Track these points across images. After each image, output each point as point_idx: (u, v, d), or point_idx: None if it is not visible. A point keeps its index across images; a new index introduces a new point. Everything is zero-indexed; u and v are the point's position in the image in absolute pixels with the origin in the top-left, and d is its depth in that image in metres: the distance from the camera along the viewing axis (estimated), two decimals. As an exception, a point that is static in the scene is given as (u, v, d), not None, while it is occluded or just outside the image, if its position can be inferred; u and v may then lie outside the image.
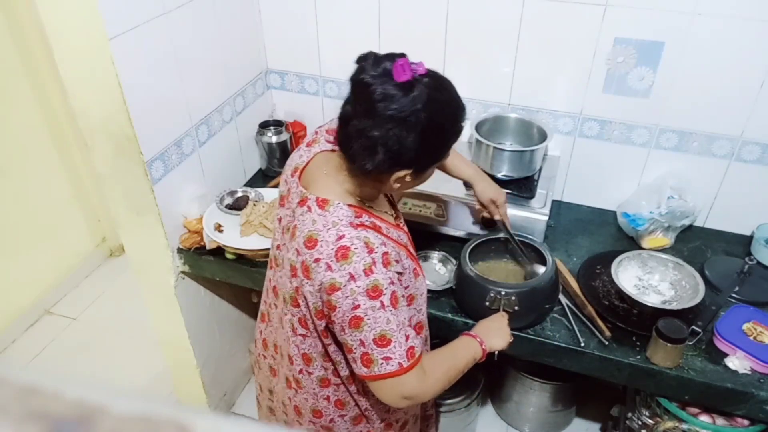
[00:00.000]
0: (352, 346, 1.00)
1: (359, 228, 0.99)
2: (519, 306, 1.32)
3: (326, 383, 1.16)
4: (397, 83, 0.93)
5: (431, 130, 0.97)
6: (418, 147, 0.96)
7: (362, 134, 0.95)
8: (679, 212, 1.62)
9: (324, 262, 0.97)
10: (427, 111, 0.94)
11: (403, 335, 1.00)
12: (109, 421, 0.23)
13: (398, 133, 0.94)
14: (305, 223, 1.01)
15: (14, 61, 2.30)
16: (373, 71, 0.95)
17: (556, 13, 1.57)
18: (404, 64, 0.94)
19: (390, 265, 0.99)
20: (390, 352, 0.99)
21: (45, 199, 2.55)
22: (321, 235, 0.98)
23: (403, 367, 1.00)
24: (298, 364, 1.16)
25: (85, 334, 2.54)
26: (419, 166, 1.02)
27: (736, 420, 1.34)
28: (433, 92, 0.96)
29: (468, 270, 1.39)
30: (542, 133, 1.64)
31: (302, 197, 1.05)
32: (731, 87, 1.51)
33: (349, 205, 1.02)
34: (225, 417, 0.25)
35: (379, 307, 0.97)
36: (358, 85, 0.97)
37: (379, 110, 0.93)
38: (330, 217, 1.00)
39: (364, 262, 0.96)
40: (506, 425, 2.10)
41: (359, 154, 0.97)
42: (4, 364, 0.28)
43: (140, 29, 1.34)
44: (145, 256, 1.65)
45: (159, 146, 1.47)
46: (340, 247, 0.96)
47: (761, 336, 1.32)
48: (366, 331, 0.98)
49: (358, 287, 0.96)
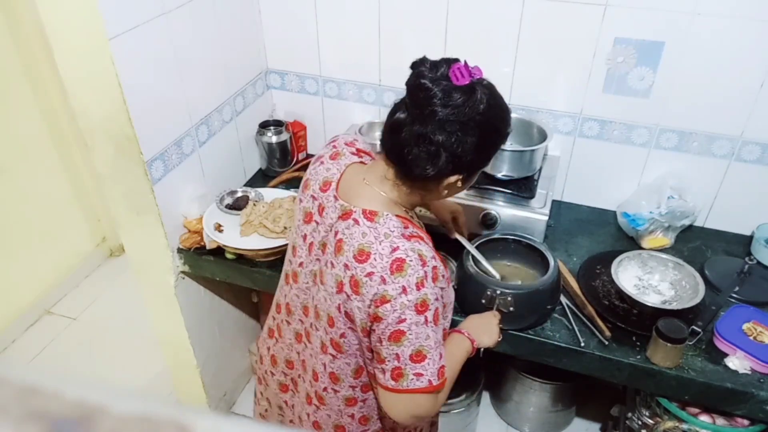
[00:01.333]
0: (385, 358, 0.99)
1: (412, 239, 0.98)
2: (515, 307, 1.32)
3: (353, 402, 1.15)
4: (457, 87, 0.93)
5: (489, 133, 0.98)
6: (475, 150, 0.97)
7: (424, 139, 0.94)
8: (679, 212, 1.62)
9: (378, 275, 0.95)
10: (485, 114, 0.95)
11: (438, 353, 0.99)
12: (109, 421, 0.23)
13: (461, 137, 0.94)
14: (354, 236, 0.98)
15: (14, 61, 2.30)
16: (431, 75, 0.94)
17: (556, 13, 1.57)
18: (462, 68, 0.94)
19: (438, 281, 0.98)
20: (423, 368, 0.97)
21: (45, 199, 2.55)
22: (374, 247, 0.96)
23: (433, 385, 0.99)
24: (323, 382, 1.14)
25: (85, 334, 2.54)
26: (471, 170, 1.02)
27: (736, 420, 1.34)
28: (491, 96, 0.98)
29: (468, 267, 1.39)
30: (542, 133, 1.64)
31: (345, 210, 1.02)
32: (731, 87, 1.51)
33: (397, 216, 1.00)
34: (225, 417, 0.25)
35: (423, 323, 0.96)
36: (418, 90, 0.95)
37: (442, 114, 0.93)
38: (381, 228, 0.98)
39: (417, 276, 0.95)
40: (506, 425, 2.11)
41: (421, 159, 0.96)
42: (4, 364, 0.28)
43: (140, 29, 1.34)
44: (145, 256, 1.65)
45: (159, 146, 1.47)
46: (396, 260, 0.95)
47: (761, 336, 1.32)
48: (405, 346, 0.96)
49: (408, 301, 0.94)
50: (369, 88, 1.89)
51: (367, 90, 1.89)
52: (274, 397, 1.33)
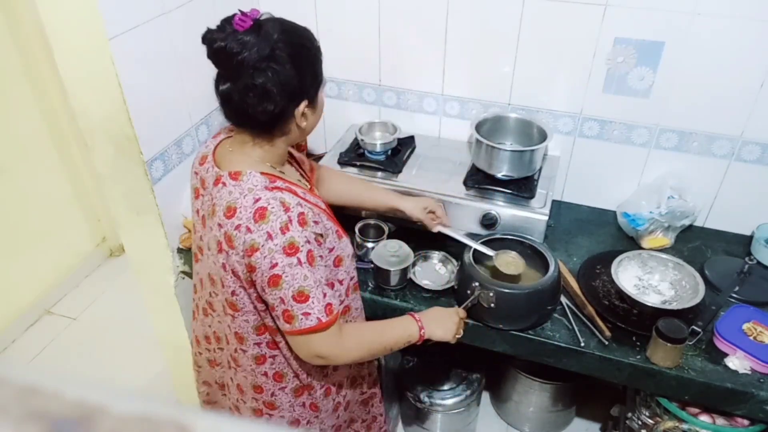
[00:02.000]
0: (274, 304, 1.04)
1: (275, 190, 1.04)
2: (495, 304, 1.32)
3: (262, 360, 1.20)
4: (245, 31, 0.99)
5: (297, 54, 1.03)
6: (297, 73, 1.03)
7: (249, 88, 1.00)
8: (679, 212, 1.62)
9: (244, 226, 1.01)
10: (283, 40, 1.01)
11: (320, 292, 1.04)
12: (109, 421, 0.23)
13: (275, 68, 1.00)
14: (223, 196, 1.05)
15: (14, 61, 2.30)
16: (220, 35, 1.00)
17: (556, 13, 1.57)
18: (241, 16, 1.00)
19: (306, 225, 1.03)
20: (308, 307, 1.03)
21: (45, 199, 2.55)
22: (239, 202, 1.03)
23: (322, 322, 1.04)
24: (232, 344, 1.20)
25: (85, 334, 2.55)
26: (309, 93, 1.08)
27: (736, 420, 1.34)
28: (278, 24, 1.03)
29: (466, 258, 1.40)
30: (542, 133, 1.64)
31: (216, 176, 1.09)
32: (731, 87, 1.51)
33: (261, 173, 1.06)
34: (225, 417, 0.25)
35: (296, 264, 1.01)
36: (218, 54, 1.01)
37: (248, 59, 0.99)
38: (245, 185, 1.04)
39: (280, 221, 1.00)
40: (506, 425, 2.11)
41: (258, 105, 1.02)
42: (4, 364, 0.28)
43: (140, 29, 1.34)
44: (145, 256, 1.65)
45: (159, 146, 1.47)
46: (258, 209, 1.01)
47: (761, 336, 1.32)
48: (285, 288, 1.02)
49: (275, 245, 1.00)
50: (369, 88, 1.89)
51: (367, 90, 1.89)
52: (209, 375, 1.38)
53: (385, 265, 1.44)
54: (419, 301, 1.46)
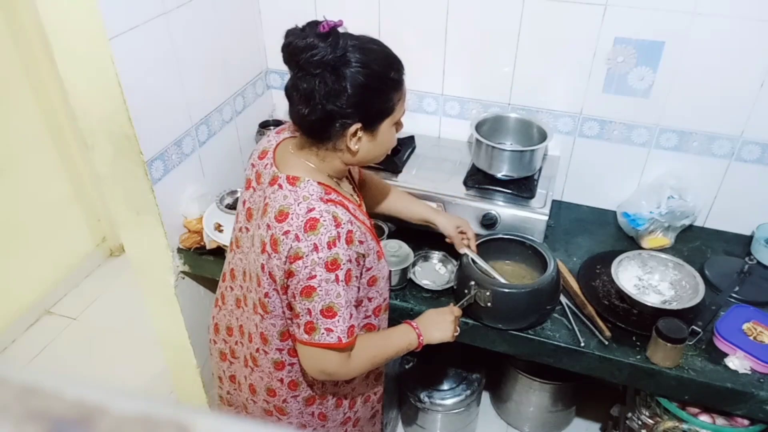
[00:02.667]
0: (299, 313, 1.05)
1: (329, 203, 1.04)
2: (493, 303, 1.32)
3: (281, 366, 1.20)
4: (318, 34, 0.99)
5: (361, 74, 1.00)
6: (353, 93, 1.00)
7: (297, 88, 1.01)
8: (679, 212, 1.62)
9: (293, 233, 1.01)
10: (352, 56, 1.00)
11: (348, 312, 1.05)
12: (109, 421, 0.23)
13: (328, 77, 0.99)
14: (277, 199, 1.05)
15: (14, 61, 2.30)
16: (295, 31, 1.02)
17: (556, 13, 1.57)
18: (326, 22, 1.01)
19: (352, 244, 1.03)
20: (333, 324, 1.03)
21: (45, 199, 2.55)
22: (292, 208, 1.02)
23: (342, 342, 1.04)
24: (255, 342, 1.20)
25: (85, 334, 2.55)
26: (365, 118, 1.05)
27: (736, 420, 1.34)
28: (356, 42, 1.02)
29: (464, 260, 1.40)
30: (542, 133, 1.64)
31: (273, 176, 1.09)
32: (731, 87, 1.51)
33: (318, 183, 1.06)
34: (225, 417, 0.25)
35: (334, 280, 1.01)
36: (285, 47, 1.01)
37: (305, 61, 0.98)
38: (301, 192, 1.04)
39: (329, 235, 1.00)
40: (506, 425, 2.11)
41: (299, 107, 1.02)
42: (4, 364, 0.28)
43: (140, 29, 1.34)
44: (145, 256, 1.65)
45: (159, 146, 1.47)
46: (310, 219, 1.00)
47: (761, 336, 1.32)
48: (316, 301, 1.02)
49: (319, 258, 1.00)
50: (369, 88, 1.89)
51: (367, 90, 1.89)
52: (215, 367, 1.37)
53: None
54: (419, 301, 1.46)
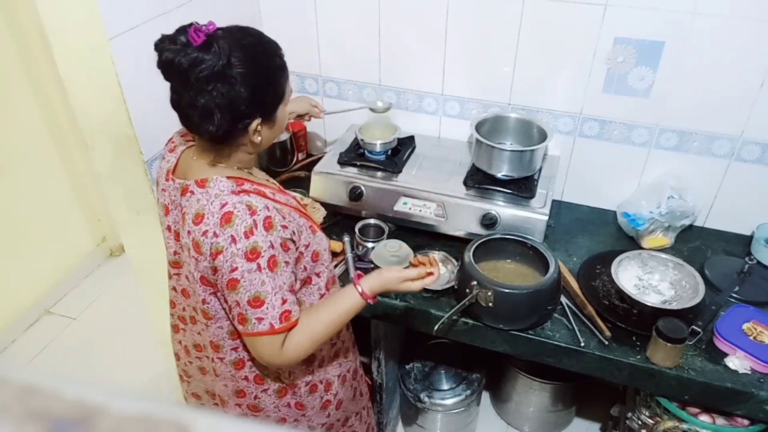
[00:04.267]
0: (230, 306, 1.04)
1: (241, 194, 1.03)
2: (494, 303, 1.32)
3: (240, 364, 1.19)
4: (197, 47, 0.96)
5: (252, 73, 1.00)
6: (249, 94, 1.00)
7: (192, 105, 0.99)
8: (679, 212, 1.62)
9: (211, 231, 1.00)
10: (237, 58, 0.98)
11: (279, 298, 1.03)
12: (109, 421, 0.23)
13: (221, 89, 0.97)
14: (191, 204, 1.05)
15: (14, 61, 2.30)
16: (172, 47, 0.97)
17: (556, 13, 1.57)
18: (195, 29, 0.97)
19: (272, 229, 1.02)
20: (263, 313, 1.02)
21: (45, 199, 2.55)
22: (206, 208, 1.02)
23: (275, 328, 1.03)
24: (208, 353, 1.20)
25: (85, 334, 2.54)
26: (263, 111, 1.05)
27: (736, 420, 1.34)
28: (234, 41, 1.00)
29: (465, 258, 1.40)
30: (542, 133, 1.64)
31: (183, 187, 1.08)
32: (731, 87, 1.51)
33: (228, 177, 1.05)
34: (225, 417, 0.25)
35: (255, 269, 1.00)
36: (165, 66, 0.98)
37: (194, 77, 0.96)
38: (212, 191, 1.03)
39: (245, 225, 0.99)
40: (506, 425, 2.11)
41: (200, 124, 1.00)
42: (4, 364, 0.28)
43: (140, 29, 1.34)
44: (145, 256, 1.65)
45: (159, 146, 1.47)
46: (224, 214, 1.00)
47: (761, 336, 1.32)
48: (241, 293, 1.01)
49: (238, 249, 0.99)
50: (369, 88, 1.89)
51: (367, 90, 1.89)
52: (200, 384, 1.36)
53: (385, 265, 1.44)
54: (419, 301, 1.46)
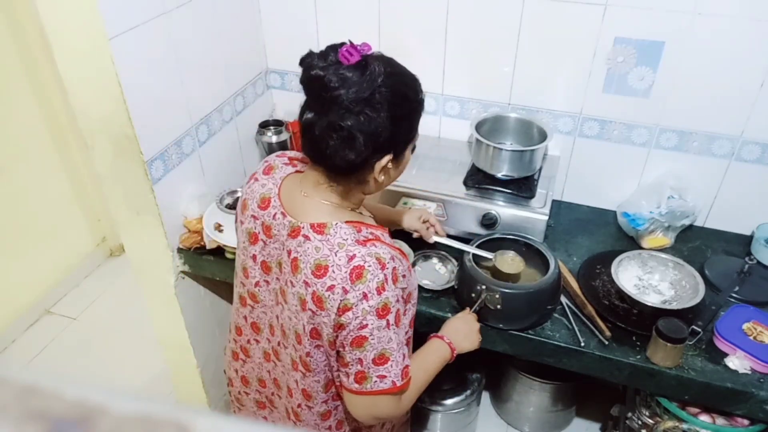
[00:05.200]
0: (349, 363, 0.99)
1: (367, 244, 0.96)
2: (502, 305, 1.32)
3: (327, 415, 1.15)
4: (349, 66, 0.90)
5: (397, 104, 0.94)
6: (391, 124, 0.94)
7: (335, 128, 0.92)
8: (679, 212, 1.62)
9: (340, 287, 0.94)
10: (387, 85, 0.92)
11: (401, 354, 0.99)
12: (109, 421, 0.23)
13: (369, 114, 0.91)
14: (308, 253, 0.96)
15: (14, 61, 2.30)
16: (321, 64, 0.92)
17: (556, 13, 1.57)
18: (350, 48, 0.91)
19: (398, 282, 0.97)
20: (386, 371, 0.98)
21: (45, 199, 2.55)
22: (330, 260, 0.94)
23: (396, 386, 0.99)
24: (296, 398, 1.14)
25: (85, 334, 2.55)
26: (397, 148, 0.99)
27: (736, 420, 1.34)
28: (387, 66, 0.95)
29: (466, 260, 1.40)
30: (542, 132, 1.64)
31: (293, 227, 1.00)
32: (731, 87, 1.51)
33: (347, 222, 0.98)
34: (225, 417, 0.25)
35: (385, 326, 0.96)
36: (313, 82, 0.92)
37: (343, 97, 0.90)
38: (333, 239, 0.96)
39: (377, 280, 0.94)
40: (506, 425, 2.11)
41: (338, 149, 0.93)
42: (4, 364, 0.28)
43: (140, 29, 1.34)
44: (145, 256, 1.65)
45: (159, 146, 1.47)
46: (354, 268, 0.93)
47: (761, 336, 1.32)
48: (368, 351, 0.96)
49: (370, 307, 0.94)
50: (369, 88, 1.89)
51: (367, 90, 1.89)
52: (252, 416, 1.33)
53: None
54: (419, 301, 1.46)
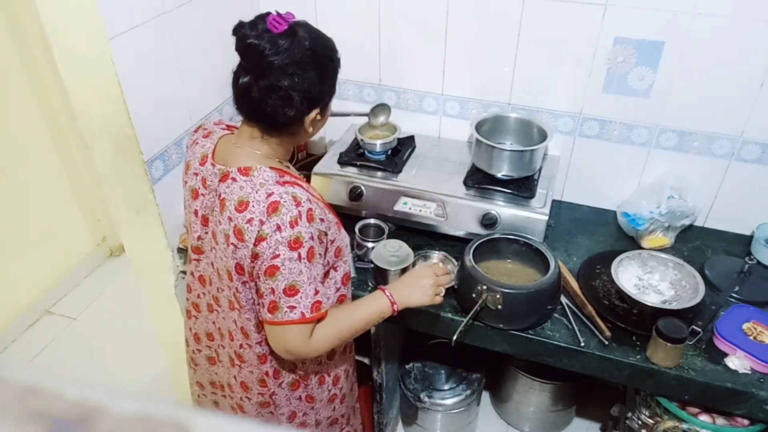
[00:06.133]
0: (263, 293, 1.07)
1: (286, 185, 1.07)
2: (503, 306, 1.32)
3: (264, 359, 1.21)
4: (279, 34, 1.02)
5: (322, 62, 1.08)
6: (319, 81, 1.07)
7: (273, 90, 1.04)
8: (679, 212, 1.62)
9: (257, 219, 1.03)
10: (312, 48, 1.05)
11: (312, 288, 1.07)
12: (109, 421, 0.23)
13: (301, 75, 1.04)
14: (233, 191, 1.07)
15: (14, 61, 2.30)
16: (253, 33, 1.02)
17: (556, 13, 1.57)
18: (276, 18, 1.03)
19: (313, 222, 1.06)
20: (296, 302, 1.05)
21: (45, 199, 2.55)
22: (251, 196, 1.05)
23: (305, 317, 1.07)
24: (238, 339, 1.21)
25: (85, 334, 2.55)
26: (323, 102, 1.13)
27: (736, 420, 1.34)
28: (310, 32, 1.07)
29: (467, 261, 1.40)
30: (542, 132, 1.64)
31: (223, 173, 1.11)
32: (731, 87, 1.51)
33: (270, 168, 1.09)
34: (225, 417, 0.25)
35: (296, 258, 1.04)
36: (248, 49, 1.03)
37: (278, 61, 1.02)
38: (256, 180, 1.07)
39: (291, 215, 1.03)
40: (506, 425, 2.11)
41: (278, 107, 1.06)
42: (4, 364, 0.28)
43: (140, 29, 1.34)
44: (145, 256, 1.65)
45: (159, 146, 1.47)
46: (271, 203, 1.03)
47: (761, 336, 1.32)
48: (279, 280, 1.04)
49: (282, 237, 1.03)
50: (369, 88, 1.89)
51: (367, 90, 1.89)
52: (206, 374, 1.39)
53: (385, 265, 1.44)
54: (419, 301, 1.46)
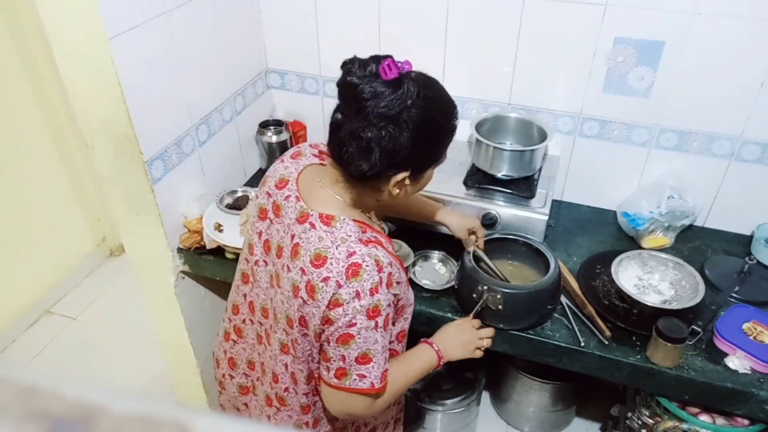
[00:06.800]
0: (331, 358, 1.01)
1: (369, 245, 0.98)
2: (504, 306, 1.32)
3: (307, 410, 1.16)
4: (384, 81, 0.92)
5: (424, 126, 0.96)
6: (412, 145, 0.95)
7: (355, 136, 0.94)
8: (679, 212, 1.62)
9: (334, 279, 0.95)
10: (417, 107, 0.94)
11: (383, 358, 1.01)
12: (109, 421, 0.23)
13: (392, 131, 0.93)
14: (311, 240, 0.99)
15: (14, 61, 2.30)
16: (359, 73, 0.94)
17: (556, 13, 1.57)
18: (390, 63, 0.93)
19: (392, 287, 0.99)
20: (367, 371, 1.00)
21: (45, 199, 2.55)
22: (330, 252, 0.96)
23: (374, 388, 1.01)
24: (284, 383, 1.15)
25: (85, 334, 2.55)
26: (416, 167, 1.01)
27: (736, 420, 1.34)
28: (423, 89, 0.95)
29: (467, 261, 1.40)
30: (542, 132, 1.64)
31: (302, 213, 1.02)
32: (731, 87, 1.51)
33: (354, 221, 1.01)
34: (225, 417, 0.25)
35: (373, 327, 0.98)
36: (346, 88, 0.95)
37: (370, 109, 0.92)
38: (338, 233, 0.98)
39: (372, 281, 0.96)
40: (506, 425, 2.11)
41: (354, 156, 0.95)
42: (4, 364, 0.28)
43: (140, 29, 1.34)
44: (145, 256, 1.65)
45: (159, 146, 1.47)
46: (352, 264, 0.95)
47: (761, 336, 1.32)
48: (352, 349, 0.98)
49: (361, 306, 0.95)
50: (369, 88, 1.89)
51: (367, 90, 1.89)
52: (232, 400, 1.34)
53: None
54: (419, 301, 1.46)
